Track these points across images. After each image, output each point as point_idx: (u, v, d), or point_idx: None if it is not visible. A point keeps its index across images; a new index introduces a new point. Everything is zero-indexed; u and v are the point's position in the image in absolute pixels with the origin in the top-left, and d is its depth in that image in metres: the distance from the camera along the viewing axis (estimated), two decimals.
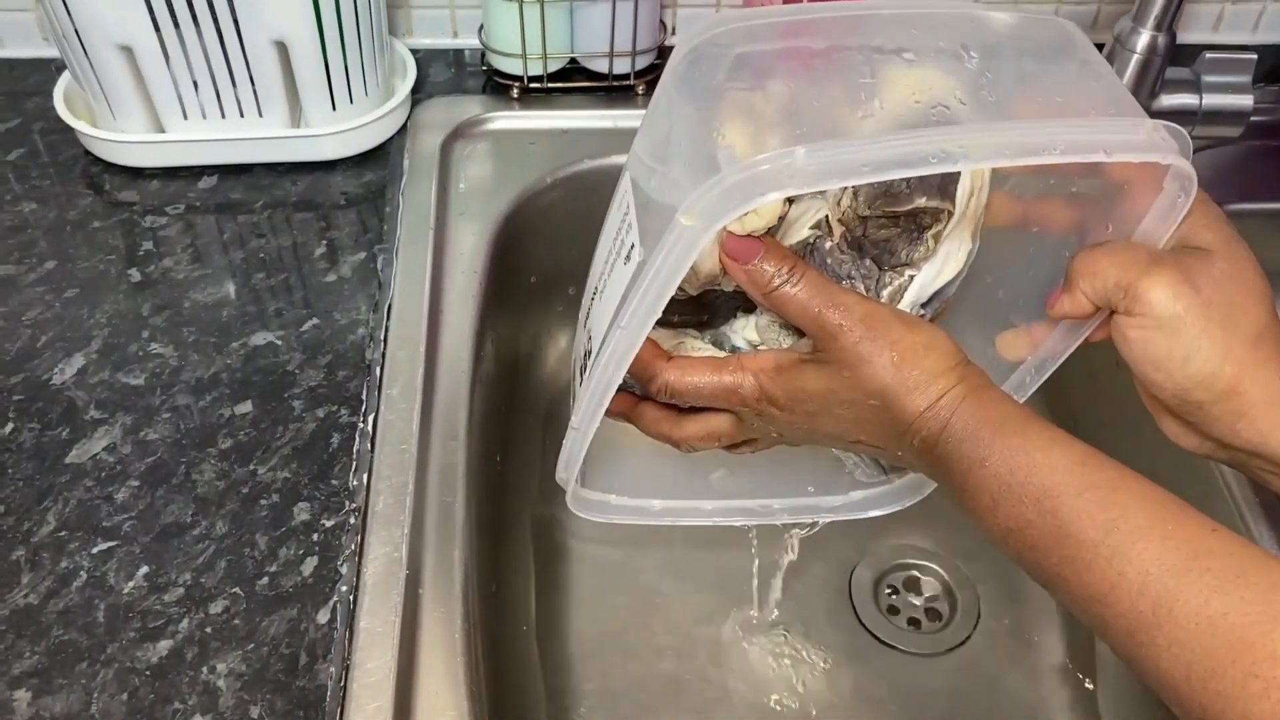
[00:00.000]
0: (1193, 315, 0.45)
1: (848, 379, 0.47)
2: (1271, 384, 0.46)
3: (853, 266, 0.50)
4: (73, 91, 0.84)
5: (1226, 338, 0.45)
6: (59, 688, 0.53)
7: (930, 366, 0.47)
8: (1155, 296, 0.45)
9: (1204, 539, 0.40)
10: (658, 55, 0.91)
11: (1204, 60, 0.78)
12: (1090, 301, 0.47)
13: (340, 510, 0.61)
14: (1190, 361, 0.45)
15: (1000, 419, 0.45)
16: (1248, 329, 0.45)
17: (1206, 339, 0.45)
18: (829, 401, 0.48)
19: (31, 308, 0.72)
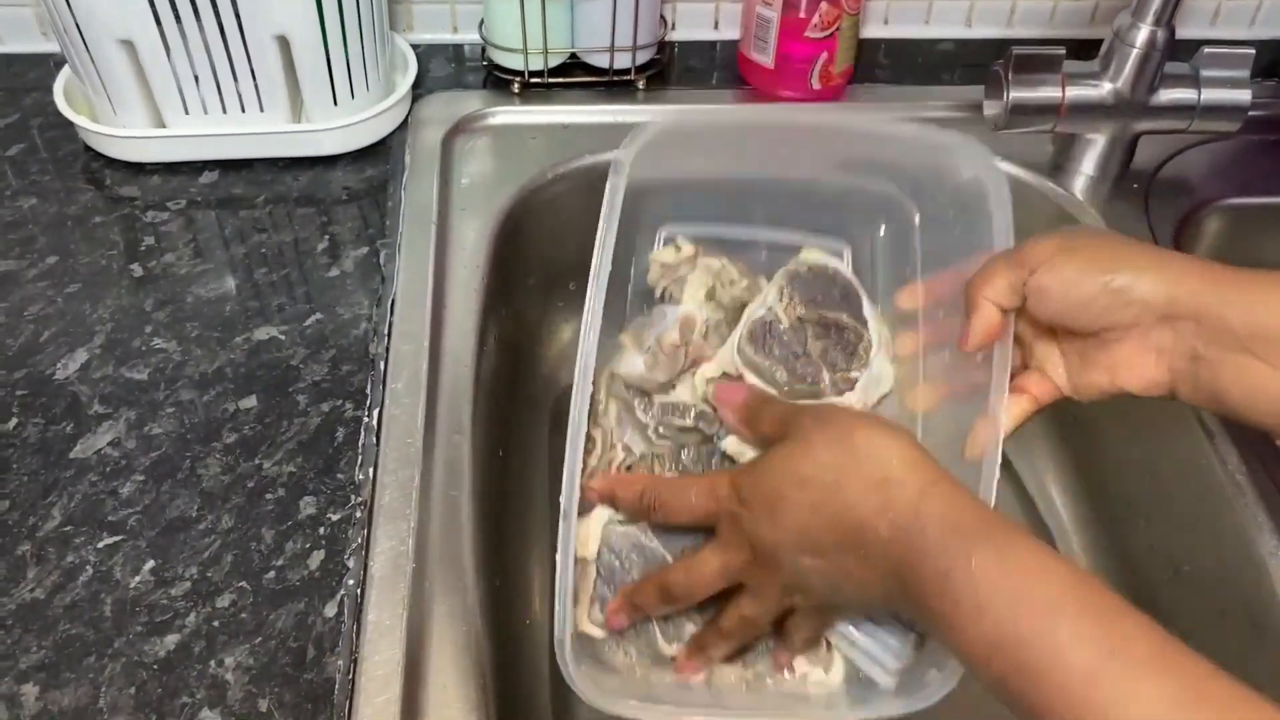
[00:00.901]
0: (1068, 245, 0.52)
1: (802, 449, 0.49)
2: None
3: (803, 348, 0.63)
4: (73, 86, 0.84)
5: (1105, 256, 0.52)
6: (66, 682, 0.53)
7: (891, 440, 0.48)
8: (1040, 246, 0.53)
9: (1204, 683, 0.39)
10: (658, 50, 0.91)
11: (1202, 55, 0.78)
12: (997, 306, 0.54)
13: (346, 504, 0.61)
14: (1082, 282, 0.52)
15: (982, 514, 0.45)
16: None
17: (1091, 255, 0.52)
18: (788, 484, 0.49)
19: (34, 303, 0.71)
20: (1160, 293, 0.50)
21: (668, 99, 0.90)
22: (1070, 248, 0.52)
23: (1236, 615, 0.64)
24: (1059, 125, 0.79)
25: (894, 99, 0.91)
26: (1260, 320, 0.49)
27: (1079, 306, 0.52)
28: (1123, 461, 0.78)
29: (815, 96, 0.89)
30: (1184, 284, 0.50)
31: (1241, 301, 0.49)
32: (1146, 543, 0.74)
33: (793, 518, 0.48)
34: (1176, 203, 0.83)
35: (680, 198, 0.72)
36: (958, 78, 0.94)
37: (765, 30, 0.87)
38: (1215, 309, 0.49)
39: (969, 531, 0.43)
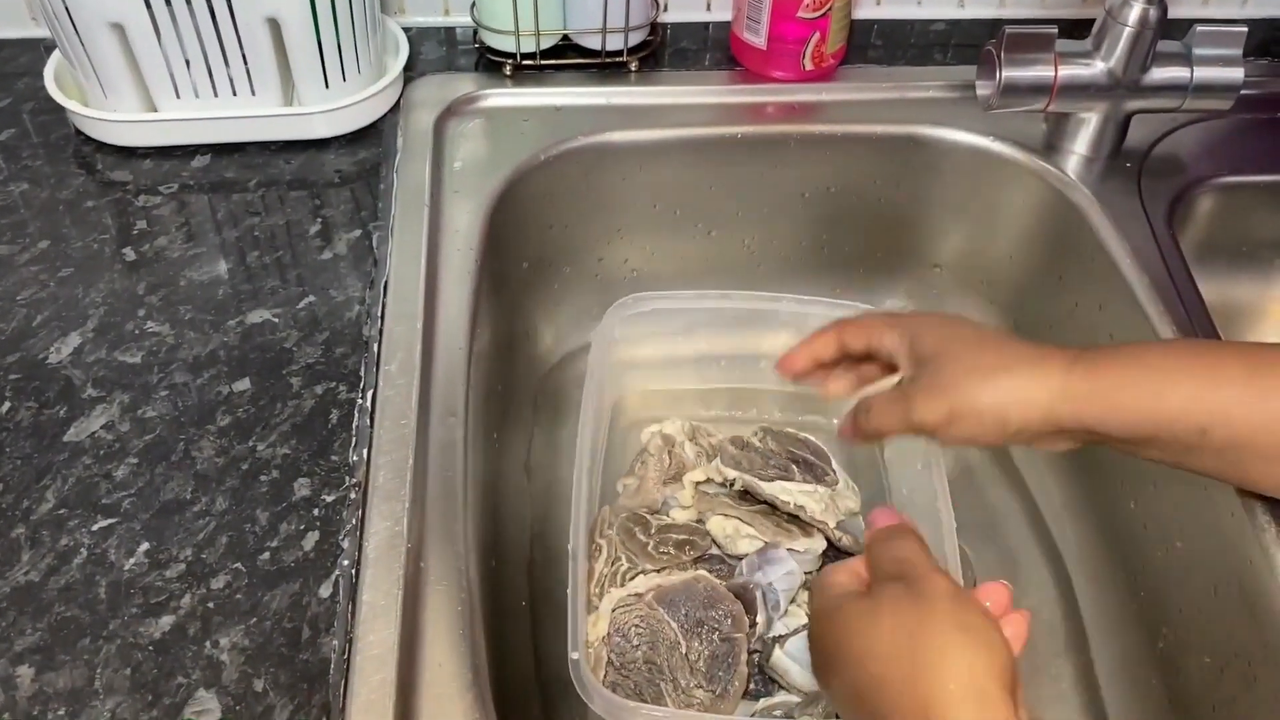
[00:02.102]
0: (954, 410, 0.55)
1: (870, 619, 0.46)
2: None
3: (777, 458, 0.76)
4: (63, 71, 0.83)
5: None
6: (61, 664, 0.53)
7: (960, 658, 0.43)
8: (930, 409, 0.56)
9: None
10: (650, 32, 0.91)
11: (1195, 33, 0.78)
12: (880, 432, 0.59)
13: (341, 485, 0.61)
14: (980, 438, 0.55)
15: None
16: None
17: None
18: (843, 646, 0.47)
19: (26, 288, 0.71)
20: (1047, 423, 0.54)
21: (660, 80, 0.90)
22: (951, 415, 0.54)
23: (1230, 592, 0.64)
24: (1051, 104, 0.79)
25: (886, 79, 0.91)
26: (1135, 421, 0.53)
27: (980, 445, 0.61)
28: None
29: (807, 77, 0.89)
30: (1065, 410, 0.53)
31: (1117, 411, 0.53)
32: (1140, 520, 0.74)
33: (839, 676, 0.48)
34: (1169, 181, 0.83)
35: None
36: (950, 58, 0.94)
37: (758, 11, 0.87)
38: (1097, 423, 0.53)
39: None
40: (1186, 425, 0.52)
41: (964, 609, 0.45)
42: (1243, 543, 0.63)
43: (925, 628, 0.44)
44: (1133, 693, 0.73)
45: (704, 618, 0.68)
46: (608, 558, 0.73)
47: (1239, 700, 0.63)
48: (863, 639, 0.46)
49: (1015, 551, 0.83)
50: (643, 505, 0.77)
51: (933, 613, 0.44)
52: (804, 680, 0.68)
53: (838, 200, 0.91)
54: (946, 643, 0.43)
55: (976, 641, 0.43)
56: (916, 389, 0.56)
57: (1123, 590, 0.76)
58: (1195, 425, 0.52)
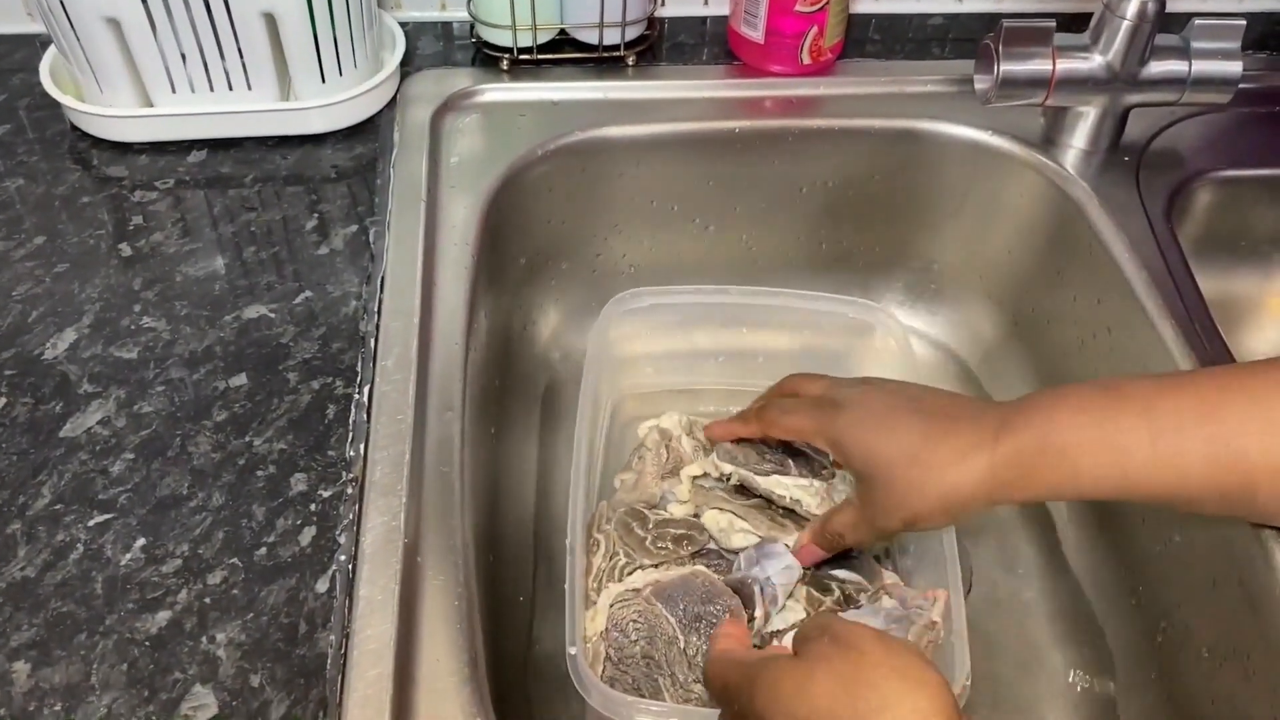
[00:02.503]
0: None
1: (803, 675, 0.45)
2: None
3: (777, 454, 0.74)
4: (59, 66, 0.83)
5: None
6: (58, 659, 0.53)
7: (903, 701, 0.43)
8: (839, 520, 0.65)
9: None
10: (648, 26, 0.91)
11: (1193, 27, 0.78)
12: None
13: (337, 481, 0.61)
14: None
15: None
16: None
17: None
18: (774, 712, 0.46)
19: (21, 283, 0.71)
20: (992, 503, 0.57)
21: (657, 75, 0.90)
22: (910, 523, 0.59)
23: (1229, 585, 0.64)
24: (1050, 98, 0.79)
25: (884, 74, 0.91)
26: (1067, 494, 0.57)
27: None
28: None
29: (805, 71, 0.89)
30: (999, 492, 0.56)
31: (1049, 487, 0.55)
32: (1139, 514, 0.74)
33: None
34: (1168, 175, 0.82)
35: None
36: (948, 52, 0.94)
37: (755, 5, 0.86)
38: (1034, 501, 0.64)
39: None
40: (1104, 494, 0.55)
41: (895, 653, 0.44)
42: (1241, 536, 0.62)
43: (861, 677, 0.43)
44: (1133, 687, 0.73)
45: (702, 612, 0.67)
46: (606, 553, 0.72)
47: (1238, 693, 0.63)
48: (797, 699, 0.44)
49: (1014, 545, 0.83)
50: (640, 500, 0.77)
51: (864, 662, 0.44)
52: None
53: (836, 195, 0.90)
54: (885, 690, 0.42)
55: (915, 683, 0.43)
56: (873, 510, 0.61)
57: (1122, 585, 0.76)
58: (1112, 493, 0.55)
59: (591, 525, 0.74)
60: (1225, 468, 0.51)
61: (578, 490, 0.67)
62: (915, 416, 0.58)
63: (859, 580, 0.72)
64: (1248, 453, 0.51)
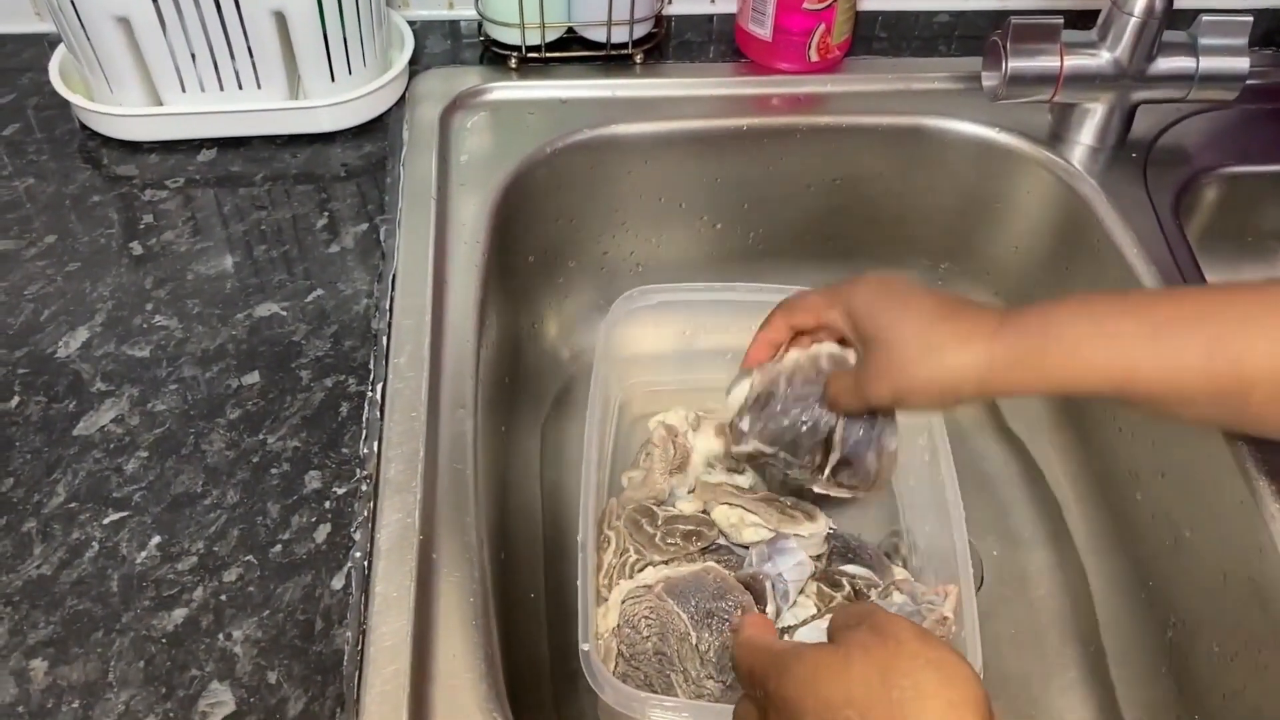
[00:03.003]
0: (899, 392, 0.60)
1: (840, 665, 0.44)
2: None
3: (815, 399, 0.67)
4: (68, 65, 0.83)
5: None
6: (75, 657, 0.53)
7: (939, 695, 0.42)
8: (877, 387, 0.61)
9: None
10: (655, 24, 0.91)
11: (1201, 23, 0.78)
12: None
13: (352, 478, 0.61)
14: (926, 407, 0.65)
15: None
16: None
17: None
18: (809, 700, 0.44)
19: (33, 282, 0.71)
20: (984, 391, 0.57)
21: (665, 73, 0.90)
22: (896, 395, 0.59)
23: (1238, 580, 0.64)
24: (1057, 95, 0.79)
25: (891, 71, 0.91)
26: (1065, 387, 0.56)
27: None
28: (1124, 431, 0.78)
29: (813, 69, 0.89)
30: (994, 375, 0.56)
31: (1044, 383, 0.56)
32: (1149, 511, 0.74)
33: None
34: (1175, 171, 0.83)
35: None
36: (955, 48, 0.94)
37: (763, 3, 0.87)
38: (1027, 391, 0.57)
39: None
40: (1100, 388, 0.55)
41: (931, 645, 0.44)
42: (1252, 531, 0.63)
43: (897, 666, 0.43)
44: (1142, 681, 0.74)
45: (714, 609, 0.68)
46: (616, 549, 0.73)
47: (1249, 689, 0.63)
48: (833, 685, 0.44)
49: (1024, 541, 0.84)
50: (649, 496, 0.77)
51: (901, 652, 0.44)
52: None
53: (843, 191, 0.91)
54: (921, 680, 0.42)
55: (950, 676, 0.43)
56: (866, 375, 0.61)
57: (1132, 579, 0.76)
58: (1108, 387, 0.55)
59: (602, 522, 0.74)
60: (1222, 368, 0.52)
61: (588, 487, 0.67)
62: (927, 299, 0.59)
63: (869, 576, 0.72)
64: (1245, 356, 0.52)
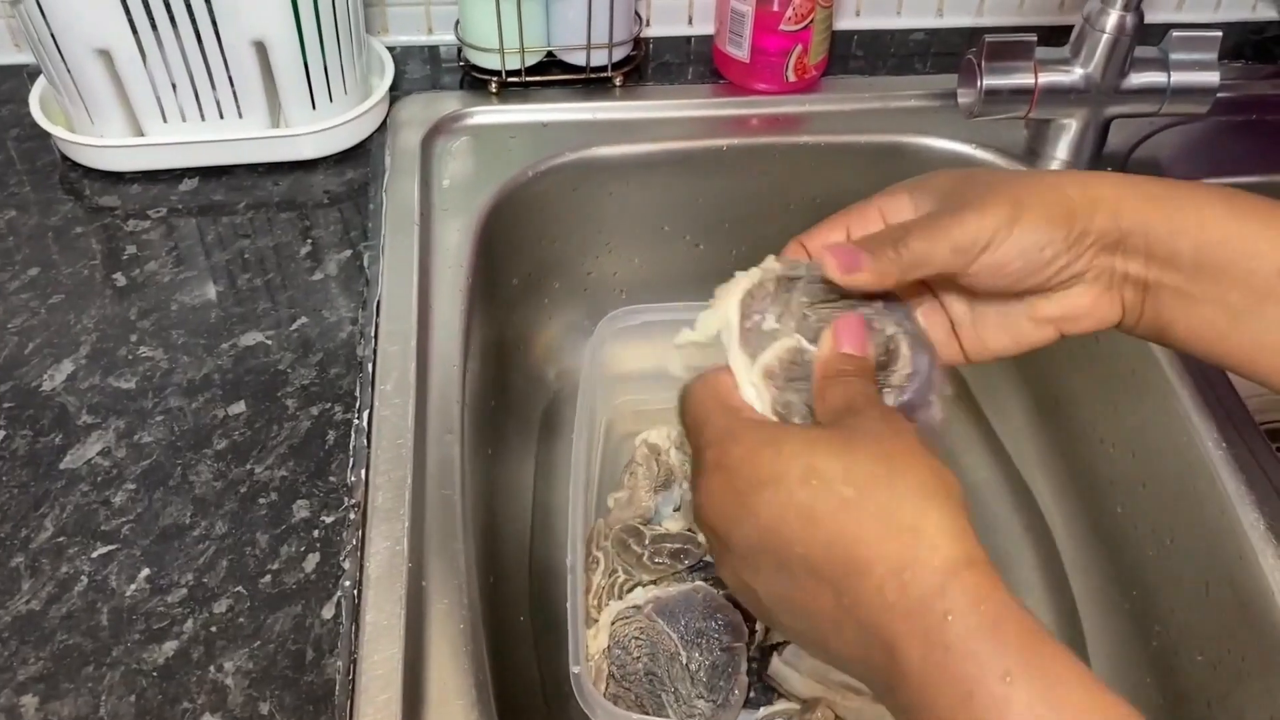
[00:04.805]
0: (1014, 205, 0.46)
1: (840, 443, 0.40)
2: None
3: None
4: (49, 97, 0.83)
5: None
6: (66, 692, 0.53)
7: (941, 491, 0.39)
8: (984, 217, 0.46)
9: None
10: (634, 47, 0.92)
11: (1171, 39, 0.79)
12: (911, 271, 0.47)
13: (340, 506, 0.61)
14: (1045, 245, 0.46)
15: (1026, 624, 0.36)
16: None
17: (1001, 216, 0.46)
18: (794, 467, 0.40)
19: (16, 315, 0.71)
20: (1112, 229, 0.46)
21: (645, 95, 0.91)
22: (1016, 206, 0.45)
23: (1221, 587, 0.65)
24: (1032, 111, 0.80)
25: (868, 89, 0.92)
26: (1208, 240, 0.46)
27: (1038, 269, 0.46)
28: (1105, 441, 0.79)
29: (790, 89, 0.90)
30: (1131, 214, 0.46)
31: (1188, 227, 0.46)
32: (1131, 519, 0.75)
33: (766, 515, 0.40)
34: None
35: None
36: (930, 67, 0.95)
37: (740, 24, 0.87)
38: (1165, 239, 0.46)
39: (1009, 642, 0.35)
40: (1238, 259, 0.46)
41: (931, 454, 0.41)
42: (1233, 539, 0.64)
43: (906, 461, 0.40)
44: (1128, 691, 0.74)
45: (703, 628, 0.68)
46: (605, 570, 0.73)
47: (1232, 696, 0.64)
48: (831, 459, 0.40)
49: (1010, 555, 0.84)
50: (635, 516, 0.78)
51: (908, 447, 0.40)
52: (804, 687, 0.69)
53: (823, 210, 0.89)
54: (926, 480, 0.39)
55: (948, 484, 0.40)
56: (960, 205, 0.46)
57: (1115, 589, 0.77)
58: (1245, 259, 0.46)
59: (590, 543, 0.74)
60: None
61: (576, 508, 0.67)
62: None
63: None
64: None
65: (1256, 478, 0.65)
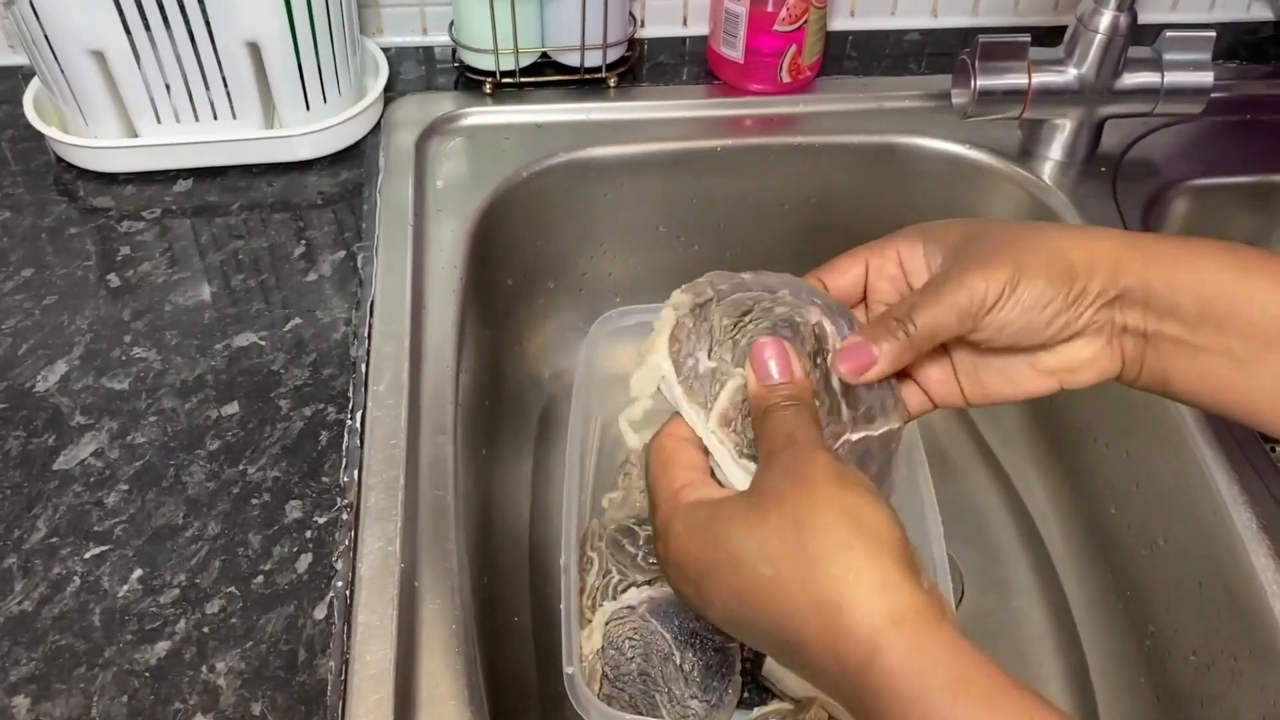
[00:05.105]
0: (1017, 267, 0.46)
1: (755, 515, 0.41)
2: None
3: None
4: (43, 98, 0.83)
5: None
6: (58, 693, 0.53)
7: (857, 541, 0.39)
8: (989, 278, 0.46)
9: None
10: (628, 47, 0.92)
11: (1165, 39, 0.79)
12: (924, 341, 0.47)
13: (332, 507, 0.61)
14: (1047, 304, 0.46)
15: (963, 673, 0.37)
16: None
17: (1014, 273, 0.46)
18: (720, 555, 0.41)
19: (10, 316, 0.71)
20: (1111, 287, 0.47)
21: (639, 95, 0.91)
22: (1018, 268, 0.46)
23: (1213, 587, 0.65)
24: (1026, 111, 0.80)
25: (862, 90, 0.92)
26: (1208, 294, 0.46)
27: (1039, 328, 0.47)
28: (1099, 441, 0.79)
29: (785, 89, 0.90)
30: (1129, 273, 0.46)
31: (1188, 282, 0.46)
32: (1125, 519, 0.75)
33: (720, 600, 0.42)
34: (1144, 184, 0.84)
35: None
36: (925, 67, 0.95)
37: (734, 25, 0.87)
38: (1164, 294, 0.46)
39: (941, 692, 0.36)
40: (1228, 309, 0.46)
41: (847, 489, 0.41)
42: (1226, 539, 0.64)
43: (813, 519, 0.40)
44: (1122, 691, 0.74)
45: (697, 628, 0.68)
46: (599, 570, 0.73)
47: (1226, 695, 0.64)
48: (748, 541, 0.41)
49: (1004, 557, 0.84)
50: (630, 516, 0.78)
51: (815, 499, 0.40)
52: (796, 687, 0.69)
53: (818, 210, 0.91)
54: (836, 532, 0.39)
55: (865, 523, 0.40)
56: (965, 265, 0.47)
57: (1110, 591, 0.77)
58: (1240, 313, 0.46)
59: (584, 544, 0.74)
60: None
61: (570, 509, 0.67)
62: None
63: None
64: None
65: (1249, 478, 0.65)
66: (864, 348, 0.47)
